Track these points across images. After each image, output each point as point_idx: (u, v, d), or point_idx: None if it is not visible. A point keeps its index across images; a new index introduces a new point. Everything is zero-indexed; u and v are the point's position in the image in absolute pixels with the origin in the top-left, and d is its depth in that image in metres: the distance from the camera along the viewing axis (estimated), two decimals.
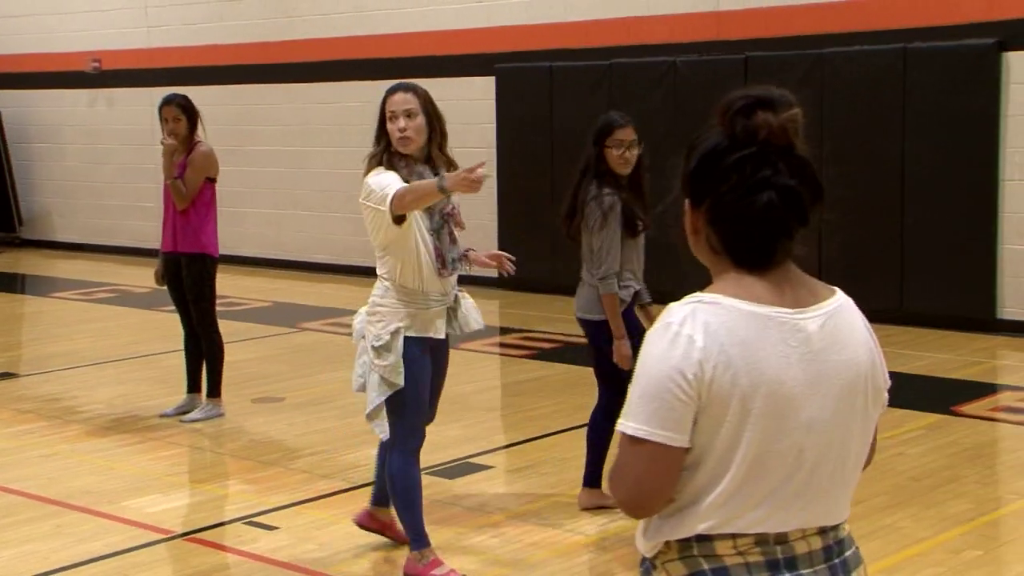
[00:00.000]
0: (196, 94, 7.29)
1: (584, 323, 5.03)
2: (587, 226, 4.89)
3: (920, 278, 9.16)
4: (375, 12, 12.17)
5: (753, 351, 1.83)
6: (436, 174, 4.23)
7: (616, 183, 4.91)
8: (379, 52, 12.12)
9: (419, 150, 4.29)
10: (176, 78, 12.79)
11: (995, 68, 8.78)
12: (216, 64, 13.34)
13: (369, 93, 12.21)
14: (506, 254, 4.62)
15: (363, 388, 4.33)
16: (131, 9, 14.11)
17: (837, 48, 9.36)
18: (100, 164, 14.81)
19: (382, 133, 4.31)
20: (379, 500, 4.70)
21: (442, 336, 4.38)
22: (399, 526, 4.68)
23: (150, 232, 13.31)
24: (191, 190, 6.68)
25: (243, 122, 13.20)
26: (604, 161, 4.92)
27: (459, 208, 4.42)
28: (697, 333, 1.83)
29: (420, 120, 4.26)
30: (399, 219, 4.18)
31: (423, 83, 4.54)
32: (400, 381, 4.23)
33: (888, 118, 9.18)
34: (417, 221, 4.25)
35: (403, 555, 4.53)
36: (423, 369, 4.31)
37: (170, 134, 6.67)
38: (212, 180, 6.80)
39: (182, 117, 6.69)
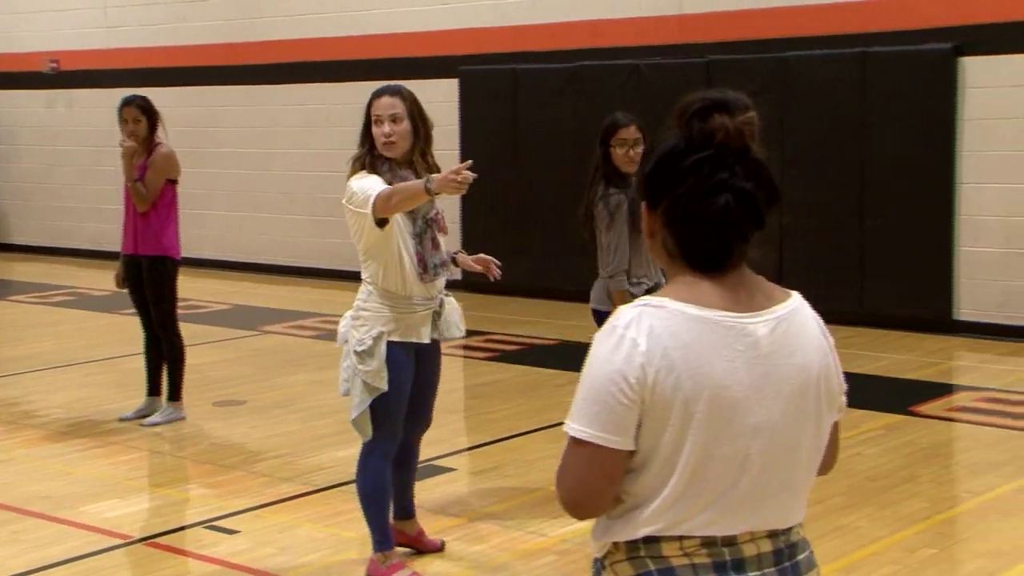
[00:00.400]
0: (156, 95, 7.25)
1: (596, 313, 5.17)
2: (597, 226, 5.09)
3: (879, 280, 9.26)
4: (339, 14, 12.14)
5: (697, 355, 1.83)
6: (419, 177, 4.21)
7: (624, 182, 5.06)
8: (342, 54, 12.09)
9: (404, 154, 4.28)
10: (136, 79, 12.69)
11: (952, 73, 8.90)
12: (177, 65, 13.25)
13: (332, 95, 12.25)
14: (494, 259, 4.62)
15: (349, 392, 4.30)
16: (90, 9, 13.98)
17: (798, 52, 9.45)
18: (58, 166, 14.67)
19: (367, 135, 4.29)
20: (400, 514, 4.64)
21: (427, 341, 4.35)
22: (427, 536, 4.68)
23: (109, 234, 13.20)
24: (152, 192, 6.63)
25: (204, 124, 13.12)
26: (611, 161, 5.07)
27: (443, 213, 4.42)
28: (641, 337, 1.83)
29: (406, 125, 4.24)
30: (381, 222, 4.16)
31: (382, 85, 4.53)
32: (383, 386, 4.21)
33: (848, 122, 9.27)
34: (399, 226, 4.24)
35: (366, 558, 4.52)
36: (406, 374, 4.29)
37: (130, 135, 6.62)
38: (173, 182, 6.76)
39: (142, 118, 6.64)
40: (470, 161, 4.06)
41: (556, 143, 10.67)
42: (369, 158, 4.27)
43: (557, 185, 10.67)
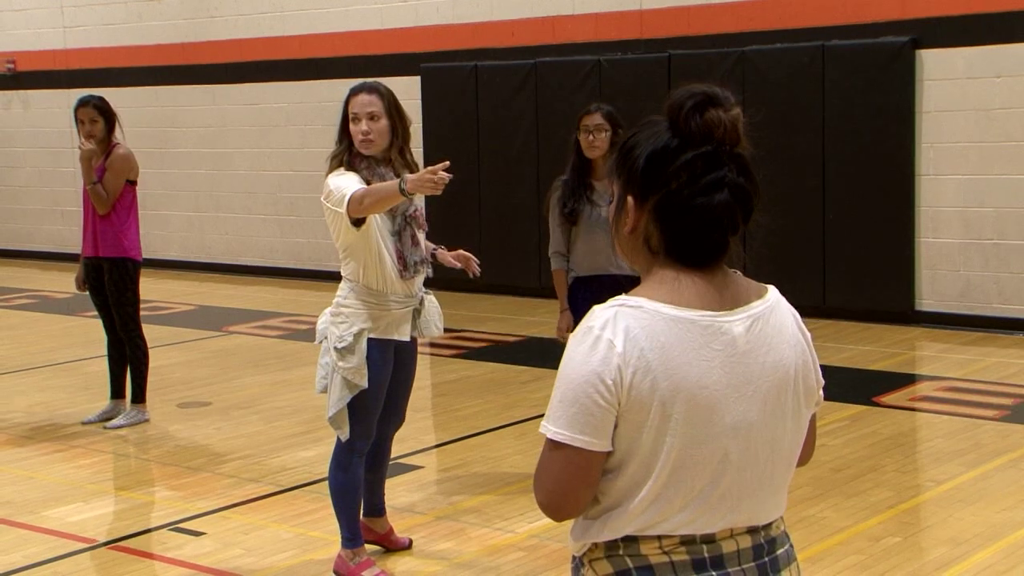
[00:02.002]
0: (114, 96, 7.18)
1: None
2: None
3: (841, 273, 9.34)
4: (297, 12, 12.07)
5: (673, 356, 1.81)
6: (397, 175, 4.21)
7: (586, 168, 5.20)
8: (302, 53, 12.03)
9: (382, 152, 4.26)
10: (93, 80, 12.57)
11: (909, 65, 8.98)
12: (134, 65, 13.13)
13: (292, 94, 12.18)
14: (473, 256, 4.62)
15: (327, 390, 4.28)
16: (46, 9, 13.82)
17: (758, 46, 9.51)
18: (15, 168, 14.49)
19: (344, 132, 4.25)
20: (370, 511, 4.62)
21: (406, 339, 4.34)
22: (396, 536, 4.68)
23: (69, 236, 13.08)
24: (111, 194, 6.57)
25: (163, 124, 13.01)
26: (579, 148, 5.22)
27: (422, 210, 4.40)
28: (617, 338, 1.80)
29: (383, 123, 4.22)
30: (358, 222, 4.14)
31: (346, 84, 4.52)
32: (363, 383, 4.19)
33: (807, 115, 9.33)
34: (378, 223, 4.22)
35: (333, 557, 4.50)
36: (385, 372, 4.28)
37: (87, 136, 6.55)
38: (132, 183, 6.70)
39: (99, 119, 6.57)
40: (447, 162, 4.02)
41: (518, 139, 10.68)
42: (347, 155, 4.24)
43: (519, 182, 10.67)
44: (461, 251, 4.64)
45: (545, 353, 7.62)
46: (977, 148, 8.87)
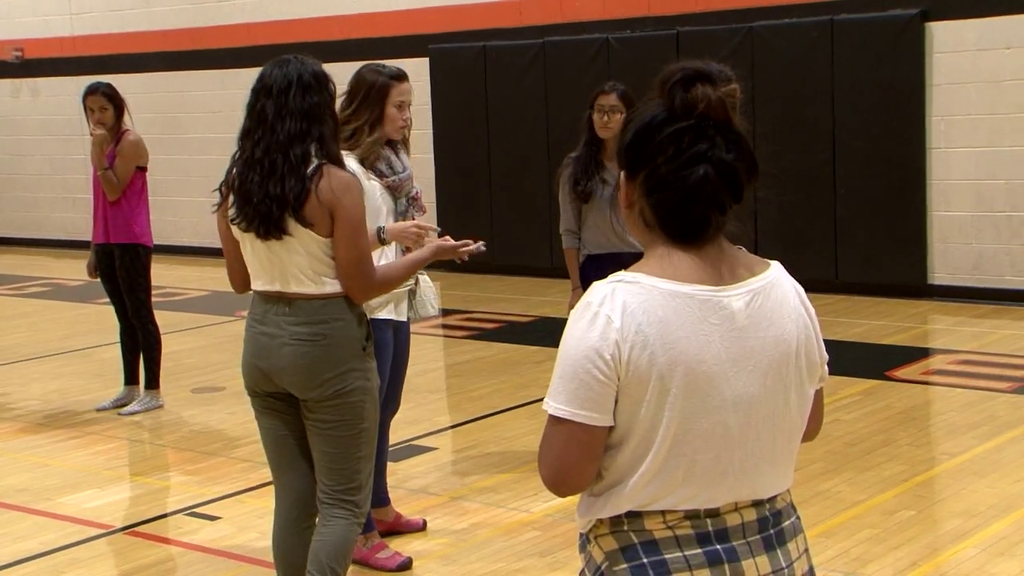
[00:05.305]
0: (122, 82, 7.18)
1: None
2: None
3: (853, 247, 9.31)
4: None
5: (671, 330, 1.82)
6: (397, 155, 4.27)
7: (598, 147, 5.18)
8: (311, 35, 12.00)
9: None
10: (101, 66, 12.57)
11: (919, 38, 8.92)
12: (142, 51, 13.13)
13: None
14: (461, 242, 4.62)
15: None
16: None
17: (766, 21, 9.45)
18: (26, 156, 14.52)
19: (379, 117, 4.21)
20: (375, 502, 4.56)
21: (404, 319, 4.36)
22: (405, 518, 4.69)
23: (81, 224, 13.10)
24: (122, 180, 6.58)
25: (172, 110, 13.01)
26: (591, 126, 5.20)
27: (421, 192, 4.42)
28: (615, 313, 1.82)
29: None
30: None
31: (355, 66, 4.53)
32: None
33: (818, 90, 9.29)
34: (383, 206, 4.22)
35: None
36: (387, 352, 4.28)
37: (97, 123, 6.55)
38: (142, 169, 6.71)
39: (108, 106, 6.58)
40: (439, 229, 4.17)
41: (527, 119, 10.65)
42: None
43: (529, 161, 10.65)
44: (448, 237, 4.64)
45: (558, 333, 7.61)
46: (988, 120, 8.81)
